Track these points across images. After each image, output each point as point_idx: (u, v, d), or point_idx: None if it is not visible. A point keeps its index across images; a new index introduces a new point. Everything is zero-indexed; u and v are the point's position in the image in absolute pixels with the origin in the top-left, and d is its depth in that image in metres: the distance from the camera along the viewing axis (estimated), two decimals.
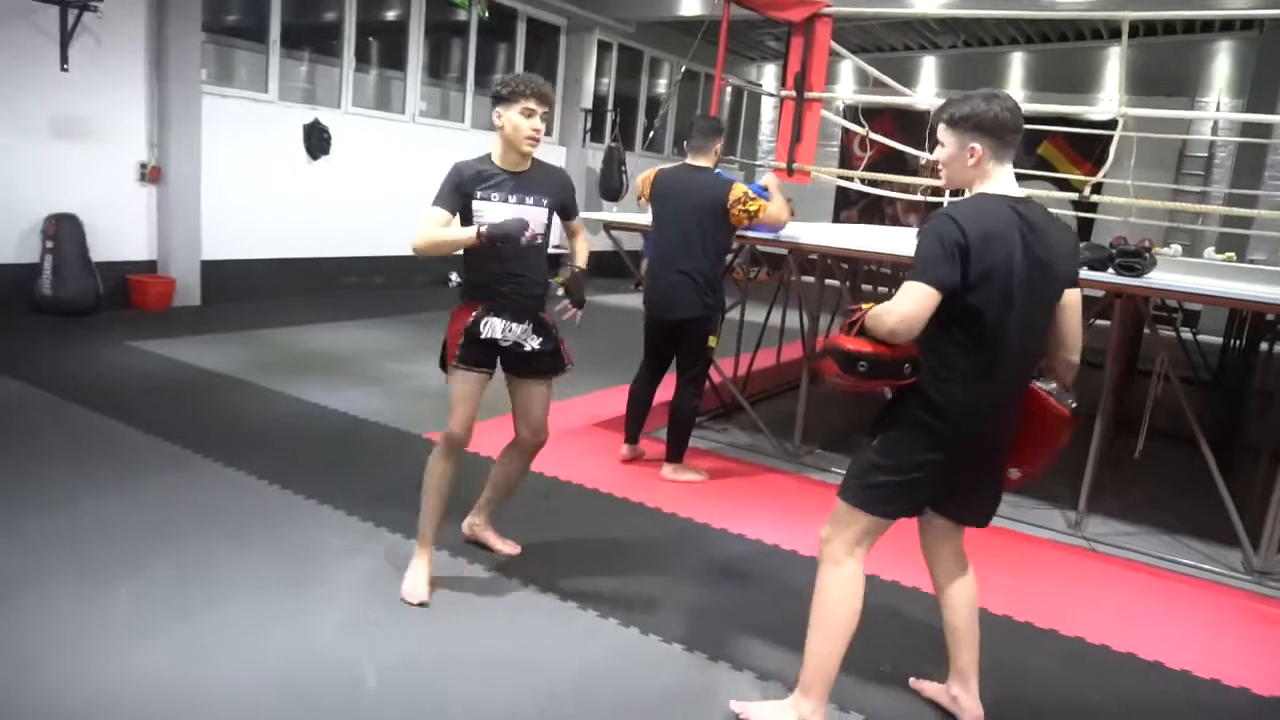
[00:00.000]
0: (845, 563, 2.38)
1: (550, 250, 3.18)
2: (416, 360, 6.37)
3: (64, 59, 6.68)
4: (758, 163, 14.82)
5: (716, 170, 4.34)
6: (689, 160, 4.29)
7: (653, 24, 12.62)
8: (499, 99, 2.91)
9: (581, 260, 3.28)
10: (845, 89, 14.08)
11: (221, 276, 8.02)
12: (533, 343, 3.04)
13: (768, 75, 15.83)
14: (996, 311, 2.16)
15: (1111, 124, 9.90)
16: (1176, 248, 8.88)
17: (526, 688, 2.53)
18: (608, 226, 5.30)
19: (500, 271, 2.97)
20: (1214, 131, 11.72)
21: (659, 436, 4.61)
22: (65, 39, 6.65)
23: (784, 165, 4.74)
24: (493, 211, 2.93)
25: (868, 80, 11.97)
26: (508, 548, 3.36)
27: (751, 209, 4.16)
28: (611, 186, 12.04)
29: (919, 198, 8.85)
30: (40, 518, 3.30)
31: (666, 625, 2.92)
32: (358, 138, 9.17)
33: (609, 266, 12.17)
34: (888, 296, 7.06)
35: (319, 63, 9.25)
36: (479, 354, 3.01)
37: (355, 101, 9.31)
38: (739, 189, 4.16)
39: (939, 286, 2.12)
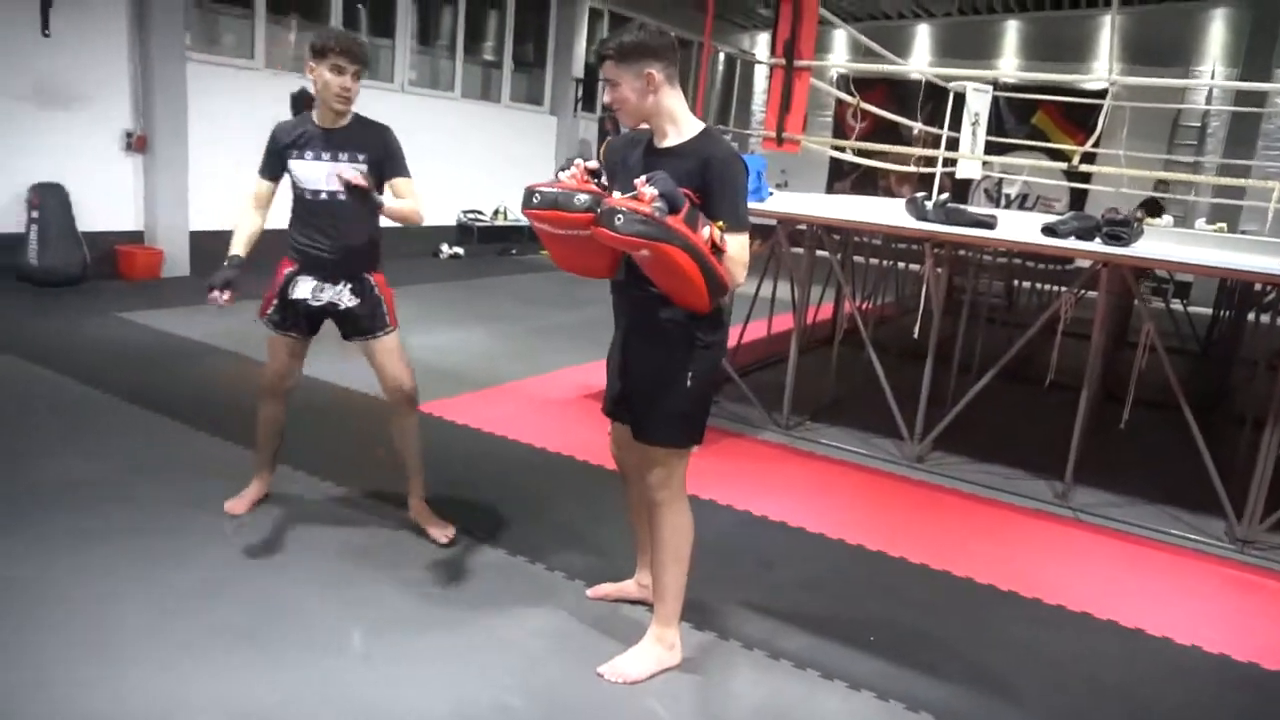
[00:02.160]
0: (682, 500, 2.48)
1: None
2: (404, 332, 6.34)
3: (45, 23, 6.58)
4: (749, 132, 14.71)
5: None
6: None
7: None
8: (312, 51, 2.87)
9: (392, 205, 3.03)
10: (838, 58, 13.96)
11: (210, 246, 7.92)
12: (348, 301, 3.06)
13: (760, 43, 15.67)
14: None
15: (1105, 93, 9.85)
16: (1168, 218, 8.87)
17: (510, 651, 2.55)
18: None
19: (312, 232, 3.03)
20: (1208, 101, 11.68)
21: None
22: (46, 2, 6.53)
23: (773, 134, 4.71)
24: (304, 170, 2.96)
25: (860, 49, 11.87)
26: (441, 534, 3.17)
27: None
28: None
29: (912, 169, 8.81)
30: (6, 484, 3.30)
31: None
32: None
33: None
34: (879, 271, 6.98)
35: (307, 29, 9.12)
36: (286, 316, 3.10)
37: None
38: None
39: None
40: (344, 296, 3.07)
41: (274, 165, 3.04)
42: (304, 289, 3.06)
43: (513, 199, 11.50)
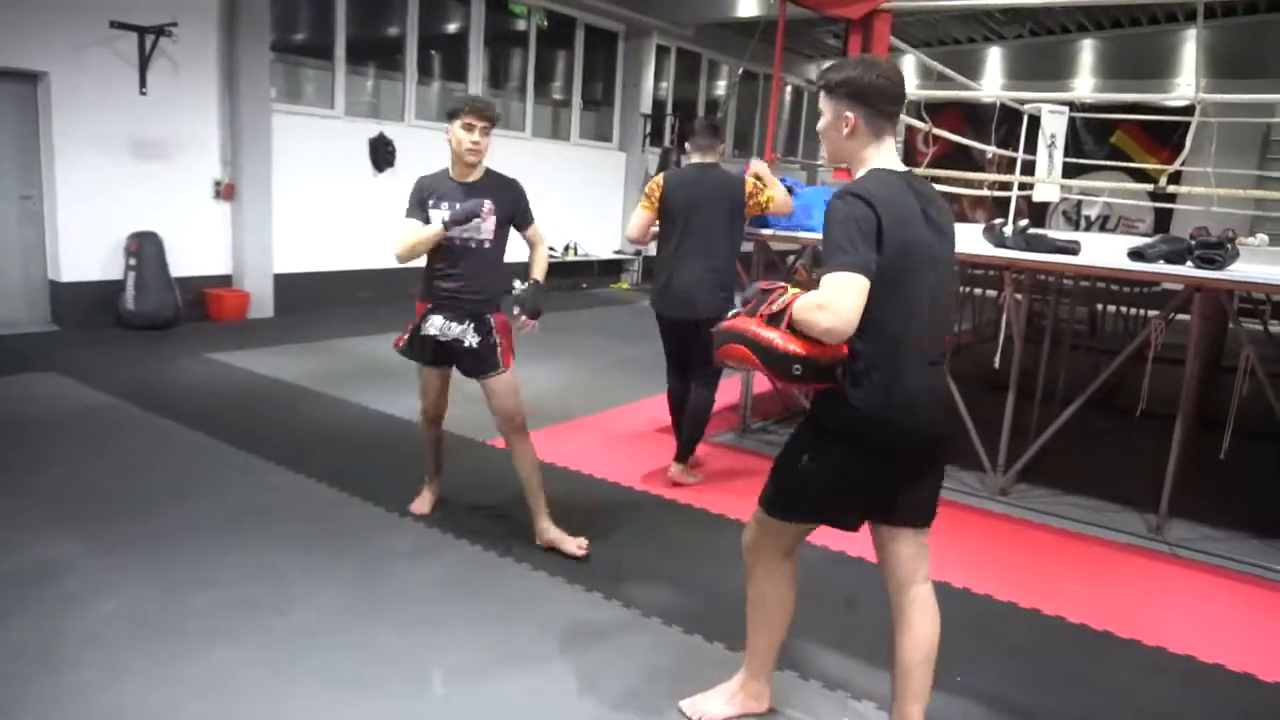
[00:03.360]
0: (764, 569, 2.35)
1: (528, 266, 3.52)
2: None
3: (143, 83, 6.97)
4: (819, 163, 14.63)
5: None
6: (697, 159, 4.19)
7: (710, 26, 12.59)
8: (448, 115, 3.23)
9: (538, 271, 3.48)
10: (908, 84, 13.83)
11: (292, 288, 8.25)
12: (471, 340, 3.30)
13: None
14: (909, 292, 2.03)
15: (1190, 110, 9.52)
16: (1263, 237, 8.48)
17: (588, 693, 2.54)
18: None
19: (445, 274, 3.31)
20: None
21: (723, 442, 4.56)
22: (144, 63, 6.93)
23: (844, 164, 4.67)
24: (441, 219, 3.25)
25: (931, 74, 11.75)
26: (576, 547, 3.39)
27: (763, 199, 4.15)
28: None
29: (986, 193, 8.64)
30: (120, 524, 3.43)
31: (732, 633, 2.89)
32: (421, 150, 9.31)
33: None
34: (955, 297, 6.79)
35: (383, 77, 9.46)
36: (421, 349, 3.37)
37: (418, 114, 9.49)
38: (750, 181, 4.15)
39: (867, 272, 1.94)
40: (468, 335, 3.30)
41: (420, 212, 3.29)
42: (434, 326, 3.33)
43: (583, 234, 11.67)
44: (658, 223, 4.19)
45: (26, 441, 4.34)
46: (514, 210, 3.36)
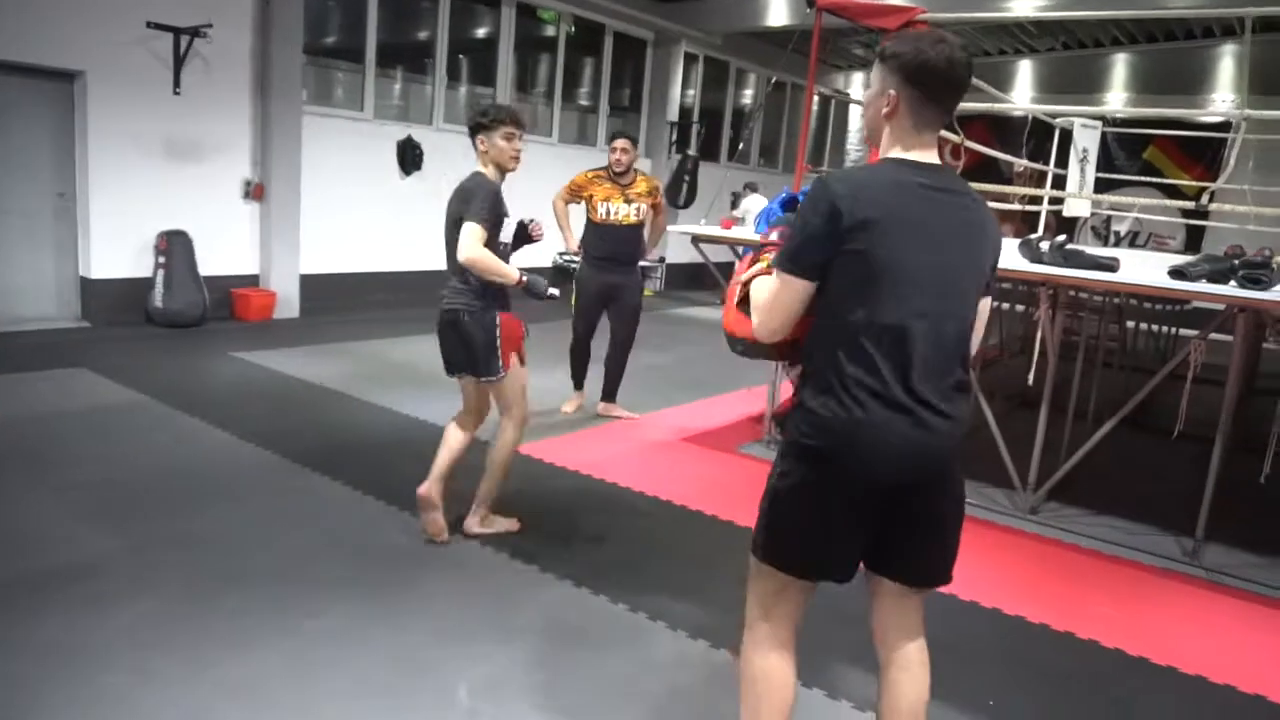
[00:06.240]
0: (756, 627, 1.92)
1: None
2: None
3: (176, 83, 7.03)
4: None
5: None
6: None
7: (738, 35, 12.57)
8: (481, 128, 3.26)
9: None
10: None
11: (319, 289, 8.28)
12: None
13: (855, 83, 15.59)
14: (890, 304, 1.68)
15: (1224, 125, 9.40)
16: None
17: (616, 710, 2.50)
18: (696, 240, 5.25)
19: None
20: None
21: (751, 453, 4.49)
22: (178, 64, 6.99)
23: None
24: (505, 228, 3.45)
25: None
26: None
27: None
28: (672, 196, 11.61)
29: (1015, 207, 8.53)
30: (149, 522, 3.44)
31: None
32: (449, 153, 9.35)
33: (692, 279, 12.15)
34: (994, 313, 6.76)
35: (412, 81, 9.50)
36: None
37: (446, 118, 9.52)
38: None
39: (804, 274, 1.72)
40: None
41: (495, 221, 3.44)
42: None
43: None
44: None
45: (57, 437, 4.36)
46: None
